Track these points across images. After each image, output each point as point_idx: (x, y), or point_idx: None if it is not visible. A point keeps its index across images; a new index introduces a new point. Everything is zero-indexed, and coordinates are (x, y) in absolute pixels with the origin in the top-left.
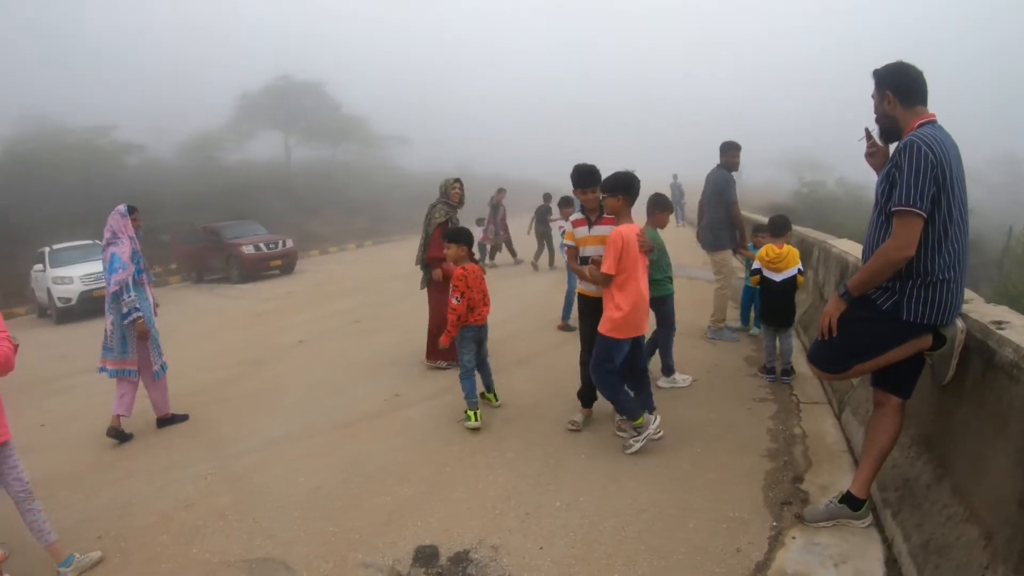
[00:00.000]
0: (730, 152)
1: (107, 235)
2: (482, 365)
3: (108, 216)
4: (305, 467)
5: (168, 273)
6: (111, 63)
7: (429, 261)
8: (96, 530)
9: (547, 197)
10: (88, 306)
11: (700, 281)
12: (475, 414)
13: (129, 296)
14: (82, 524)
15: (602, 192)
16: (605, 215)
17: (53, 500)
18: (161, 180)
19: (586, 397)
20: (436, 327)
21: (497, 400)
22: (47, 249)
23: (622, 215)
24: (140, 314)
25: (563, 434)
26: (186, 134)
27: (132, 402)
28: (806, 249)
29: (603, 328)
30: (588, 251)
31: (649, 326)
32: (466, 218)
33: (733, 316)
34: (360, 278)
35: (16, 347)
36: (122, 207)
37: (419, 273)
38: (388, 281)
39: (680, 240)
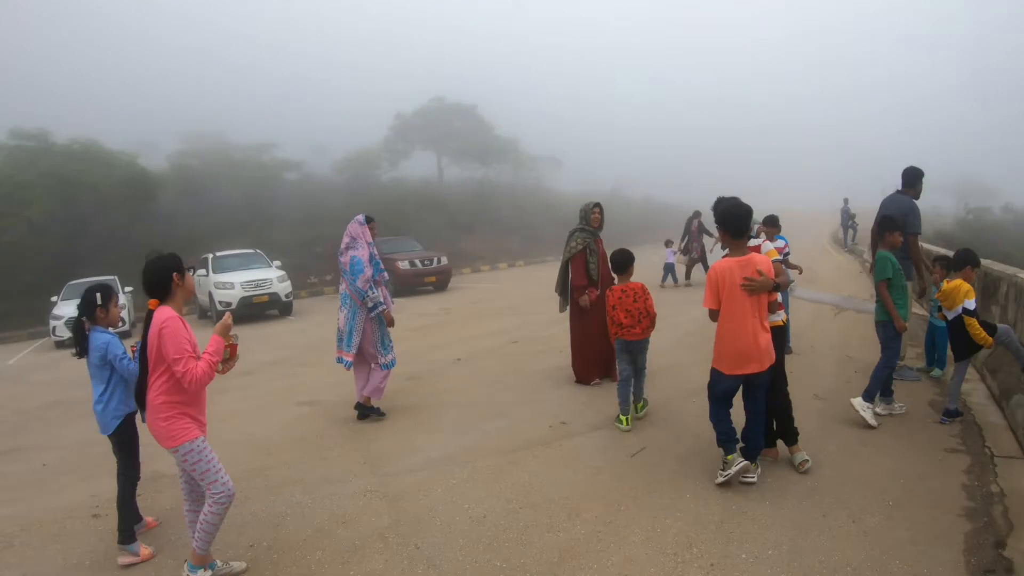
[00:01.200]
0: (917, 180)
1: (346, 240)
2: (637, 374)
3: (348, 224)
4: (468, 493)
5: (324, 284)
6: (274, 85)
7: (574, 289)
8: (249, 538)
9: None
10: (247, 311)
11: (869, 315)
12: (626, 419)
13: (374, 292)
14: (234, 530)
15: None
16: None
17: None
18: (319, 195)
19: (767, 436)
20: (579, 350)
21: (639, 411)
22: (210, 256)
23: (730, 247)
24: (384, 307)
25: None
26: (343, 152)
27: (380, 387)
28: (991, 283)
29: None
30: None
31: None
32: (647, 239)
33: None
34: (515, 298)
35: (235, 347)
36: (361, 216)
37: None
38: (543, 302)
39: (844, 267)
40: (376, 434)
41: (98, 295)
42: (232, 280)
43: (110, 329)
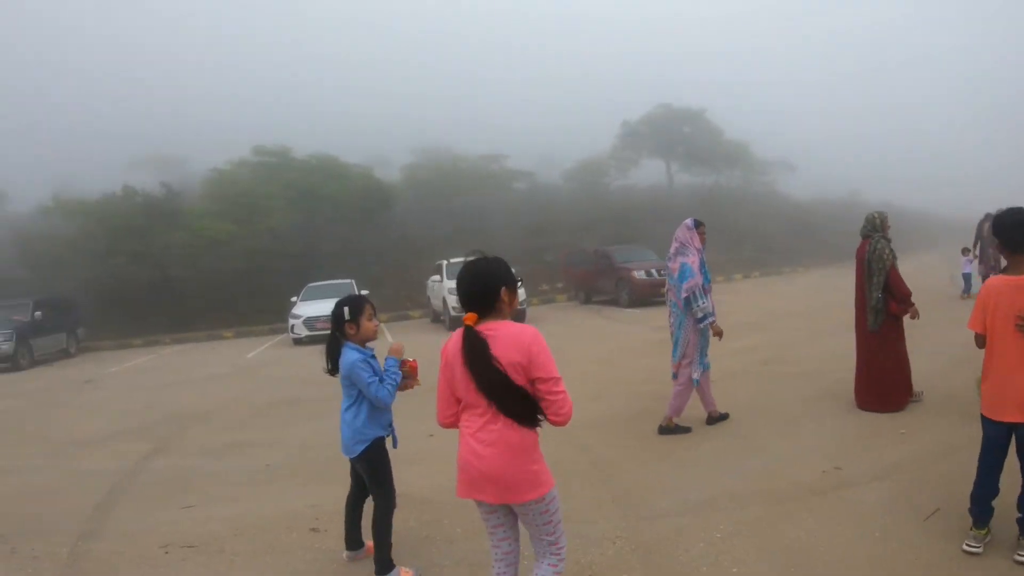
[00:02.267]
0: None
1: (675, 246)
2: None
3: (676, 229)
4: (736, 550)
5: (554, 292)
6: (504, 99)
7: (900, 300)
8: None
9: None
10: None
11: None
12: None
13: (703, 302)
14: (466, 569)
15: None
16: None
17: (437, 527)
18: (548, 204)
19: None
20: (865, 376)
21: None
22: (445, 262)
23: (1009, 262)
24: (714, 318)
25: None
26: (572, 161)
27: (711, 396)
28: None
29: None
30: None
31: None
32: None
33: None
34: (755, 313)
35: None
36: (689, 221)
37: (826, 312)
38: (787, 318)
39: None
40: (622, 465)
41: (345, 310)
42: None
43: (367, 345)
